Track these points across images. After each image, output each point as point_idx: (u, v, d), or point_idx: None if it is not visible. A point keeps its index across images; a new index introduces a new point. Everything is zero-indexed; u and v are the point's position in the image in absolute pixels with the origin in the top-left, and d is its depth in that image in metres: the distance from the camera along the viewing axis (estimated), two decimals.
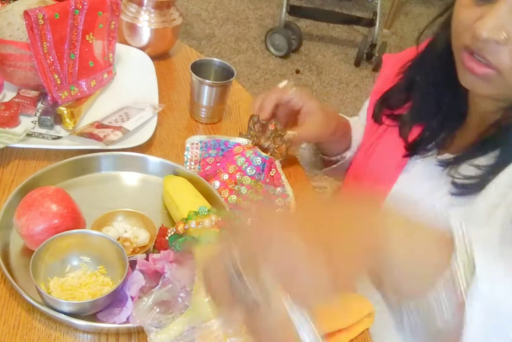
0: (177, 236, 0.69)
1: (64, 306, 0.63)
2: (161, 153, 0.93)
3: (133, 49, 1.13)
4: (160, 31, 1.13)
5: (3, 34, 0.90)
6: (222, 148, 0.92)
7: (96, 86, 1.01)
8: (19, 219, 0.69)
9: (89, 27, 0.96)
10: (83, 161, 0.84)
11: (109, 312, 0.66)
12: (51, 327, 0.65)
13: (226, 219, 0.70)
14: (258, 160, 0.85)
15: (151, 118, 0.96)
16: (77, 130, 0.91)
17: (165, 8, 1.12)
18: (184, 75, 1.15)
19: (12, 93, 0.95)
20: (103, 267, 0.70)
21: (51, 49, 0.90)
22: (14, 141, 0.84)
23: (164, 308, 0.67)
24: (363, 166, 0.94)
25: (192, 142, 0.95)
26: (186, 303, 0.66)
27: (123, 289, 0.66)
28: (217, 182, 0.86)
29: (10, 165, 0.85)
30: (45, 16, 0.87)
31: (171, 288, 0.67)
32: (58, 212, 0.69)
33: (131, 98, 1.01)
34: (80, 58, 0.97)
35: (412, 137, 0.87)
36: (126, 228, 0.75)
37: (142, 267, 0.68)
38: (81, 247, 0.69)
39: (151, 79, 1.07)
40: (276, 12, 3.28)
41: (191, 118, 1.03)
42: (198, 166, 0.91)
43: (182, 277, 0.66)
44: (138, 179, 0.87)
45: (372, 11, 3.04)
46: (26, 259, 0.67)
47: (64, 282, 0.67)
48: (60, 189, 0.73)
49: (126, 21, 1.11)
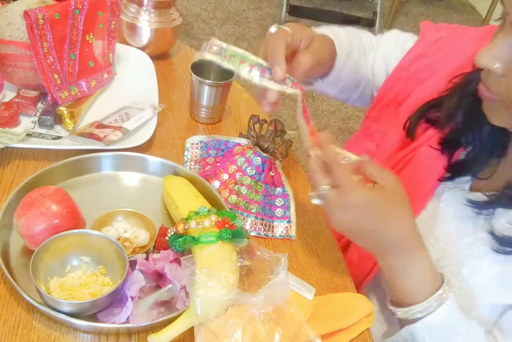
0: (177, 236, 0.69)
1: (64, 306, 0.63)
2: (161, 153, 0.93)
3: (133, 49, 1.13)
4: (160, 31, 1.13)
5: (3, 34, 0.90)
6: (222, 148, 0.92)
7: (96, 86, 1.01)
8: (19, 219, 0.69)
9: (89, 27, 0.96)
10: (83, 161, 0.84)
11: (109, 312, 0.66)
12: (51, 327, 0.65)
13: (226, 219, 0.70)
14: (258, 160, 0.85)
15: (151, 118, 0.96)
16: (77, 130, 0.91)
17: (165, 8, 1.12)
18: (184, 75, 1.15)
19: (12, 93, 0.95)
20: (103, 267, 0.70)
21: (51, 49, 0.90)
22: (14, 141, 0.84)
23: (164, 308, 0.67)
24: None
25: (192, 142, 0.95)
26: (186, 303, 0.66)
27: (123, 289, 0.66)
28: (217, 182, 0.86)
29: (10, 165, 0.85)
30: (45, 16, 0.87)
31: (171, 288, 0.67)
32: (58, 212, 0.69)
33: (131, 98, 1.01)
34: (80, 58, 0.97)
35: (453, 159, 0.82)
36: (126, 228, 0.75)
37: (142, 267, 0.68)
38: (81, 247, 0.69)
39: (151, 79, 1.07)
40: (276, 12, 3.28)
41: (191, 118, 1.03)
42: (198, 166, 0.91)
43: (182, 277, 0.67)
44: (138, 179, 0.87)
45: (372, 11, 3.04)
46: (26, 259, 0.67)
47: (64, 282, 0.67)
48: (60, 189, 0.73)
49: (126, 21, 1.11)
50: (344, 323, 0.69)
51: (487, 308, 0.75)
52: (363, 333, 0.71)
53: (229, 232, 0.68)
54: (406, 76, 0.94)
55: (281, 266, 0.66)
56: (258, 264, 0.74)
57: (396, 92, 0.96)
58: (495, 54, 0.66)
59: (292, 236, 0.83)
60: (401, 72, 0.96)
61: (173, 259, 0.69)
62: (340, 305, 0.73)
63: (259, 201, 0.84)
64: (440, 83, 0.87)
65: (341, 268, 0.80)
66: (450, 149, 0.82)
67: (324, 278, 0.78)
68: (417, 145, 0.86)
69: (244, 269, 0.70)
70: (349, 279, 0.79)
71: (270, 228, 0.84)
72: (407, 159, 0.87)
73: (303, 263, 0.80)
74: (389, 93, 0.97)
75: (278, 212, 0.85)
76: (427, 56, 0.94)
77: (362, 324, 0.71)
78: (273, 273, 0.66)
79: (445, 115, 0.83)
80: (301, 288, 0.73)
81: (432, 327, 0.70)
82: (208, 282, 0.63)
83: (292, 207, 0.87)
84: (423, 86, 0.91)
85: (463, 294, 0.75)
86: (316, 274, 0.79)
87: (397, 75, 0.96)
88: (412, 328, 0.71)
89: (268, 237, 0.83)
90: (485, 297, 0.75)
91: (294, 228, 0.84)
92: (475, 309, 0.75)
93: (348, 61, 0.94)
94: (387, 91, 0.97)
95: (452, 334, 0.71)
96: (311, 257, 0.81)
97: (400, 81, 0.95)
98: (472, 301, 0.75)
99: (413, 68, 0.94)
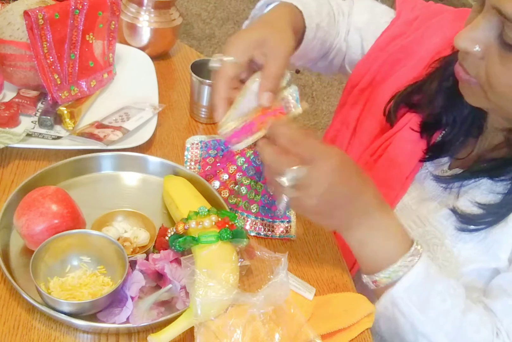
0: (177, 236, 0.69)
1: (64, 306, 0.63)
2: (161, 153, 0.93)
3: (133, 49, 1.13)
4: (160, 31, 1.13)
5: (3, 34, 0.90)
6: (222, 148, 0.92)
7: (96, 86, 1.01)
8: (19, 219, 0.69)
9: (89, 27, 0.96)
10: (83, 161, 0.84)
11: (109, 312, 0.66)
12: (51, 327, 0.65)
13: (226, 219, 0.70)
14: (258, 160, 0.85)
15: (151, 118, 0.96)
16: (77, 130, 0.91)
17: (165, 8, 1.12)
18: (184, 75, 1.15)
19: (12, 93, 0.95)
20: (103, 267, 0.70)
21: (51, 49, 0.90)
22: (14, 141, 0.84)
23: (164, 308, 0.67)
24: (368, 169, 0.89)
25: (192, 142, 0.95)
26: (186, 303, 0.66)
27: (123, 289, 0.66)
28: (217, 182, 0.86)
29: (10, 165, 0.85)
30: (45, 16, 0.87)
31: (171, 288, 0.67)
32: (58, 212, 0.69)
33: (131, 98, 1.01)
34: (80, 58, 0.97)
35: (432, 141, 0.83)
36: (126, 228, 0.75)
37: (142, 267, 0.68)
38: (81, 247, 0.69)
39: (151, 79, 1.07)
40: None
41: (191, 118, 1.03)
42: (198, 166, 0.91)
43: (182, 277, 0.67)
44: (138, 179, 0.87)
45: None
46: (26, 259, 0.67)
47: (64, 282, 0.67)
48: (60, 189, 0.73)
49: (126, 21, 1.11)
50: (344, 323, 0.69)
51: (472, 274, 0.76)
52: (363, 333, 0.71)
53: (229, 232, 0.68)
54: (383, 57, 0.93)
55: (281, 266, 0.66)
56: (258, 264, 0.74)
57: (373, 74, 0.95)
58: (475, 36, 0.66)
59: (292, 236, 0.83)
60: (377, 53, 0.94)
61: (173, 259, 0.69)
62: (340, 305, 0.73)
63: (259, 201, 0.84)
64: (419, 66, 0.87)
65: (341, 268, 0.80)
66: (429, 132, 0.83)
67: (324, 278, 0.78)
68: (396, 130, 0.87)
69: (244, 269, 0.70)
70: (349, 279, 0.79)
71: (270, 228, 0.84)
72: (386, 144, 0.88)
73: (303, 263, 0.80)
74: (365, 75, 0.95)
75: (278, 212, 0.85)
76: (404, 36, 0.93)
77: (362, 324, 0.71)
78: (273, 273, 0.66)
79: (426, 99, 0.83)
80: (301, 288, 0.72)
81: (409, 287, 0.69)
82: (208, 282, 0.63)
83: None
84: (401, 70, 0.91)
85: (447, 265, 0.76)
86: (316, 274, 0.79)
87: (372, 56, 0.95)
88: (390, 293, 0.70)
89: (268, 237, 0.83)
90: (469, 264, 0.75)
91: (294, 228, 0.84)
92: (460, 277, 0.75)
93: (318, 32, 0.90)
94: (364, 74, 0.96)
95: (430, 292, 0.70)
96: (311, 257, 0.81)
97: (376, 63, 0.94)
98: (458, 269, 0.76)
99: (389, 49, 0.93)
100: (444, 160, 0.83)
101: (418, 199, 0.84)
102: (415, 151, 0.84)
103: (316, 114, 2.65)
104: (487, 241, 0.75)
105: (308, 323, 0.67)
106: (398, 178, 0.84)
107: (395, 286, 0.69)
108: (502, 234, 0.73)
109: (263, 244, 0.82)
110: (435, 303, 0.69)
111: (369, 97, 0.95)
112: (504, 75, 0.65)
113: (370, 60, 0.95)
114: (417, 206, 0.84)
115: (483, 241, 0.75)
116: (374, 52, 0.94)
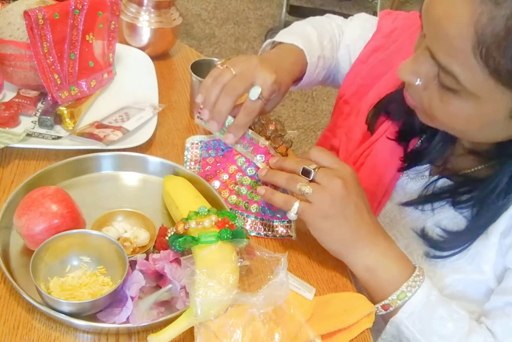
0: (177, 236, 0.69)
1: (64, 306, 0.63)
2: (161, 153, 0.93)
3: (133, 49, 1.13)
4: (160, 31, 1.13)
5: (3, 34, 0.90)
6: (222, 148, 0.92)
7: (96, 86, 1.01)
8: (19, 219, 0.69)
9: (89, 27, 0.96)
10: (83, 161, 0.84)
11: (109, 312, 0.66)
12: (51, 327, 0.65)
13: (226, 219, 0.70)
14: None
15: (151, 118, 0.96)
16: (77, 130, 0.91)
17: (165, 8, 1.12)
18: (184, 75, 1.15)
19: (12, 93, 0.95)
20: (103, 267, 0.70)
21: (51, 49, 0.90)
22: (14, 141, 0.84)
23: (164, 308, 0.67)
24: None
25: (192, 142, 0.95)
26: (186, 303, 0.66)
27: (123, 289, 0.66)
28: (217, 182, 0.86)
29: (10, 165, 0.85)
30: (45, 16, 0.87)
31: (171, 288, 0.67)
32: (58, 212, 0.69)
33: (131, 98, 1.01)
34: (80, 58, 0.97)
35: (409, 149, 0.85)
36: (126, 228, 0.75)
37: (142, 267, 0.68)
38: (81, 247, 0.69)
39: (151, 79, 1.07)
40: (276, 12, 3.28)
41: (191, 118, 1.03)
42: (198, 166, 0.91)
43: (182, 277, 0.67)
44: (138, 179, 0.87)
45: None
46: (26, 259, 0.67)
47: (64, 282, 0.67)
48: (60, 189, 0.73)
49: (126, 21, 1.11)
50: (344, 323, 0.69)
51: (459, 284, 0.76)
52: (363, 333, 0.71)
53: (229, 232, 0.68)
54: (365, 70, 0.95)
55: (281, 266, 0.66)
56: (258, 264, 0.74)
57: (357, 86, 0.97)
58: (416, 69, 0.67)
59: (292, 236, 0.83)
60: (360, 66, 0.96)
61: (173, 259, 0.69)
62: (340, 305, 0.73)
63: (259, 201, 0.84)
64: (396, 77, 0.89)
65: (341, 268, 0.80)
66: (405, 140, 0.85)
67: (324, 278, 0.78)
68: (375, 139, 0.89)
69: (244, 269, 0.70)
70: (349, 279, 0.79)
71: (270, 228, 0.84)
72: (366, 153, 0.90)
73: (303, 263, 0.80)
74: (350, 87, 0.98)
75: (278, 212, 0.85)
76: (383, 49, 0.94)
77: (362, 324, 0.71)
78: (273, 273, 0.66)
79: (398, 108, 0.84)
80: (301, 288, 0.72)
81: (413, 314, 0.71)
82: (208, 282, 0.63)
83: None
84: (381, 81, 0.93)
85: (431, 276, 0.76)
86: (316, 274, 0.79)
87: (356, 69, 0.97)
88: (395, 320, 0.71)
89: (268, 237, 0.83)
90: (454, 274, 0.76)
91: (294, 228, 0.84)
92: (446, 288, 0.76)
93: (320, 63, 0.96)
94: (348, 86, 0.98)
95: (432, 316, 0.71)
96: (311, 257, 0.81)
97: (359, 76, 0.97)
98: (442, 280, 0.76)
99: (371, 61, 0.95)
100: (423, 167, 0.84)
101: (401, 206, 0.85)
102: (393, 159, 0.85)
103: (316, 114, 2.65)
104: (470, 252, 0.76)
105: (308, 323, 0.67)
106: (380, 185, 0.86)
107: (399, 312, 0.71)
108: (483, 247, 0.74)
109: (263, 244, 0.82)
110: (438, 328, 0.71)
111: (353, 108, 0.98)
112: (443, 109, 0.67)
113: (353, 73, 0.98)
114: (400, 214, 0.85)
115: (467, 252, 0.76)
116: (357, 65, 0.97)
